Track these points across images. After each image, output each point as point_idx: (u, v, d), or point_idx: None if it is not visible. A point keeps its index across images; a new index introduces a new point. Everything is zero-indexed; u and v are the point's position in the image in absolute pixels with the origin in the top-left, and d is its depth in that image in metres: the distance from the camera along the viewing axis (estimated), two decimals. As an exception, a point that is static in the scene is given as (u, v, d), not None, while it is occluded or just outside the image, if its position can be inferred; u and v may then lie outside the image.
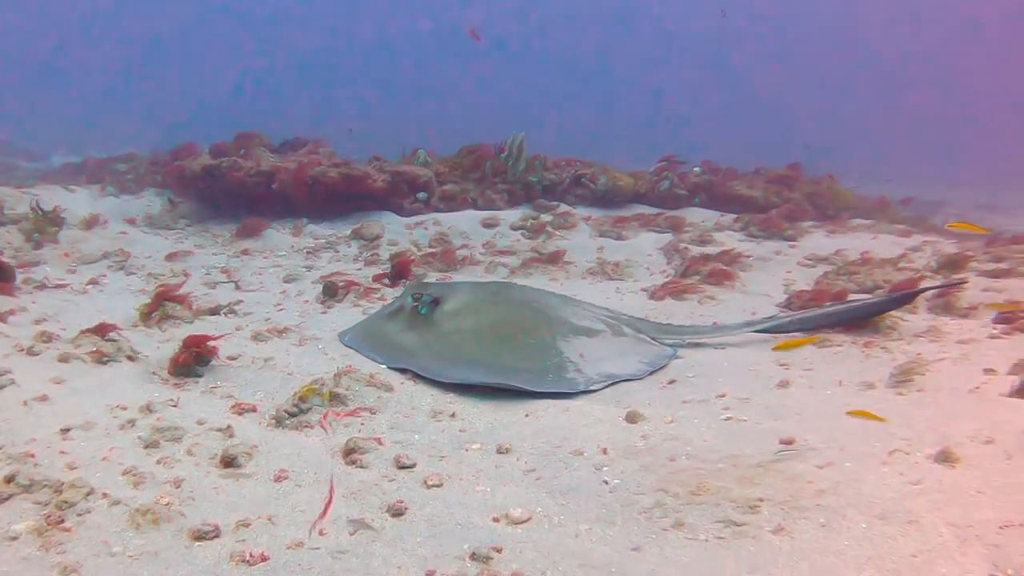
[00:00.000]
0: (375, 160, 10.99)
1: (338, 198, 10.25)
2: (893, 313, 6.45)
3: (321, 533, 3.08)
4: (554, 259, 8.76)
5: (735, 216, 11.32)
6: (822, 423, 4.18)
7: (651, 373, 5.32)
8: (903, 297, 6.15)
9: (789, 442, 3.94)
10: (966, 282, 6.94)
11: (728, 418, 4.37)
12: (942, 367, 5.09)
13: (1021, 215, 17.34)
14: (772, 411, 4.44)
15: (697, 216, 11.38)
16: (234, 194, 10.47)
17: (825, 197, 12.70)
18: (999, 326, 6.04)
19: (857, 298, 6.69)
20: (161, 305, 5.61)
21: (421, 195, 10.61)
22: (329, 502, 3.26)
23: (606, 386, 4.97)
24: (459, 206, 10.76)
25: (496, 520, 3.22)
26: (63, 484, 3.21)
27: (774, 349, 5.49)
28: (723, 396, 4.78)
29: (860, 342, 5.75)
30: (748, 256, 9.30)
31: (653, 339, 5.87)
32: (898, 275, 8.07)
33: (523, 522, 3.21)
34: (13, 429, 3.76)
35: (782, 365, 5.41)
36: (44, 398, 4.12)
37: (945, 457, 3.61)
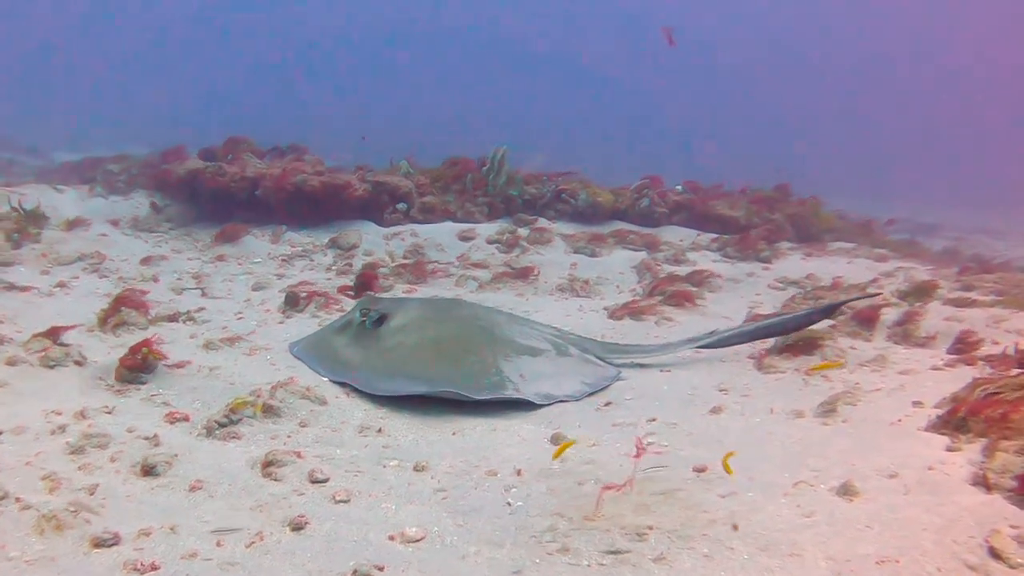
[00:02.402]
0: (359, 169, 11.13)
1: (319, 206, 10.40)
2: (841, 341, 6.58)
3: (219, 544, 3.19)
4: (524, 274, 8.88)
5: (713, 236, 11.42)
6: (741, 451, 4.27)
7: (591, 394, 5.43)
8: (828, 308, 6.47)
9: (702, 470, 4.03)
10: (879, 295, 7.31)
11: (649, 443, 4.46)
12: (874, 398, 5.18)
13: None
14: (695, 438, 4.54)
15: (674, 235, 11.48)
16: (218, 199, 10.63)
17: (807, 219, 12.77)
18: (947, 357, 6.14)
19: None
20: (118, 311, 5.75)
21: (401, 206, 10.75)
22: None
23: (544, 403, 5.08)
24: (438, 218, 10.89)
25: (391, 538, 3.32)
26: (-22, 487, 3.33)
27: (809, 371, 5.64)
28: (653, 420, 4.88)
29: (803, 369, 5.84)
30: (718, 277, 9.41)
31: (601, 359, 5.98)
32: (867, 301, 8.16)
33: (416, 541, 3.30)
34: (-58, 431, 3.89)
35: (721, 391, 5.51)
36: (-19, 401, 4.25)
37: (845, 490, 3.69)
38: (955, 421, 4.39)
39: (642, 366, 6.10)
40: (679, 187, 12.62)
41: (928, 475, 3.81)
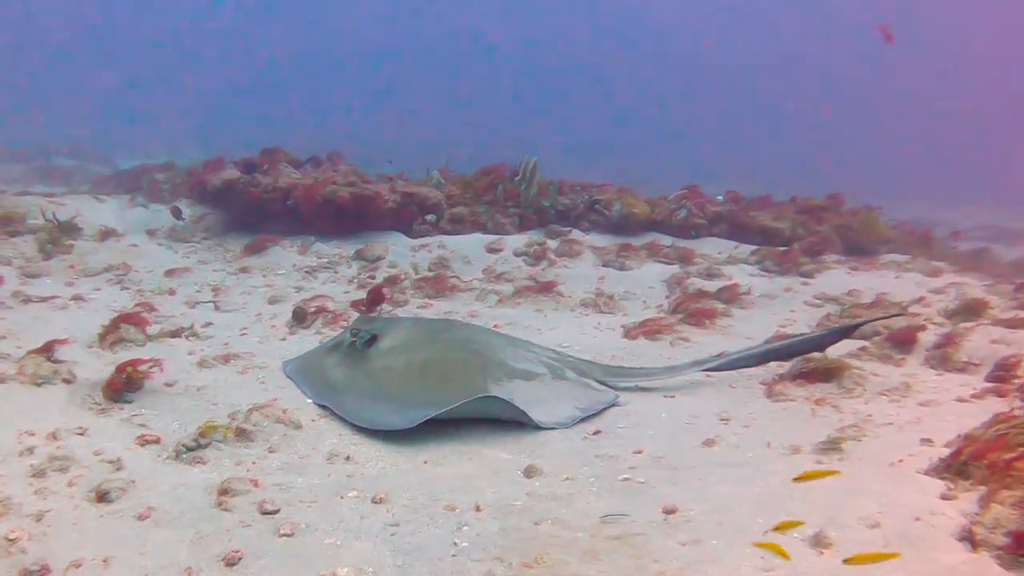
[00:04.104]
0: (389, 179, 11.14)
1: (349, 217, 10.43)
2: (867, 365, 6.23)
3: (146, 580, 3.15)
4: (546, 288, 8.70)
5: (753, 249, 11.03)
6: (718, 490, 4.05)
7: (582, 420, 5.24)
8: (844, 330, 6.09)
9: (671, 511, 3.83)
10: (902, 314, 6.78)
11: (626, 479, 4.27)
12: (883, 433, 4.87)
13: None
14: (678, 473, 4.33)
15: (712, 247, 11.13)
16: (252, 210, 10.77)
17: (857, 230, 12.22)
18: (979, 386, 5.74)
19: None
20: (117, 328, 5.82)
21: (430, 217, 10.70)
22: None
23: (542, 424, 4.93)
24: (468, 229, 10.80)
25: (322, 578, 3.23)
26: (-75, 512, 3.37)
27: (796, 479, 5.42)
28: (639, 453, 4.68)
29: (813, 398, 5.53)
30: (751, 293, 9.06)
31: (601, 382, 5.79)
32: (902, 321, 7.72)
33: (347, 582, 3.20)
34: (-86, 451, 3.96)
35: (723, 419, 5.26)
36: (-40, 420, 4.33)
37: (818, 541, 3.44)
38: (957, 465, 4.06)
39: (645, 390, 5.87)
40: (720, 197, 12.25)
41: (913, 527, 3.51)
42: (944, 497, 3.77)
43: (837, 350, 6.59)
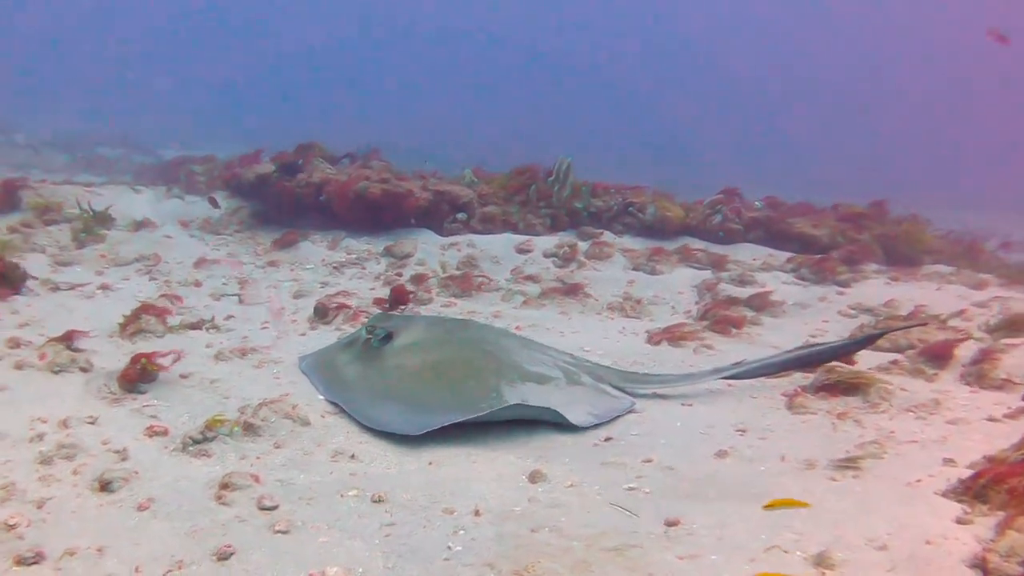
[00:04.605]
0: (421, 177, 11.15)
1: (380, 214, 10.46)
2: (896, 379, 6.05)
3: (137, 570, 3.16)
4: (573, 291, 8.62)
5: (789, 256, 10.81)
6: (723, 504, 3.94)
7: (596, 426, 5.16)
8: (866, 339, 5.95)
9: (673, 524, 3.73)
10: (924, 324, 6.68)
11: (631, 488, 4.18)
12: (904, 451, 4.70)
13: None
14: (685, 485, 4.23)
15: (747, 254, 10.93)
16: (285, 204, 10.87)
17: (899, 239, 11.90)
18: (1015, 405, 5.51)
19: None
20: (137, 318, 5.90)
21: (460, 215, 10.69)
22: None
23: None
24: (499, 228, 10.76)
25: (311, 576, 3.21)
26: (-71, 495, 3.43)
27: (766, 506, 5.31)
28: (649, 462, 4.58)
29: (835, 412, 5.37)
30: (783, 302, 8.88)
31: (618, 388, 5.70)
32: (940, 334, 7.48)
33: (334, 582, 3.17)
34: (-71, 434, 4.05)
35: (739, 431, 5.13)
36: (-24, 405, 4.41)
37: (820, 561, 3.32)
38: (976, 488, 3.89)
39: (663, 397, 5.77)
40: (758, 203, 12.02)
41: (922, 550, 3.38)
42: (959, 521, 3.62)
43: (867, 363, 6.43)
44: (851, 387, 5.65)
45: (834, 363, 5.97)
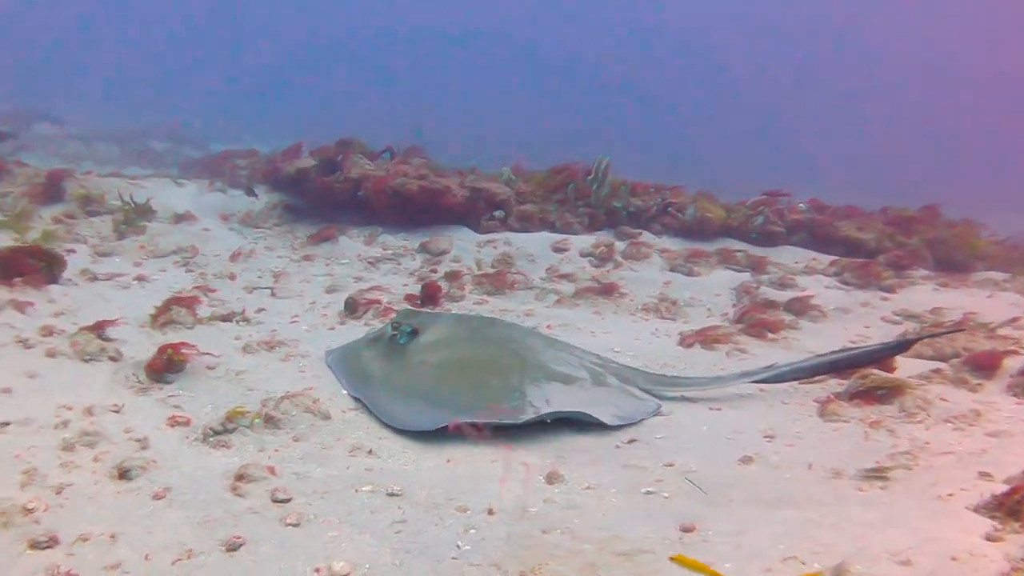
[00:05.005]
0: (460, 174, 11.14)
1: (417, 210, 10.48)
2: (935, 388, 5.84)
3: (147, 558, 3.18)
4: (607, 291, 8.53)
5: (832, 259, 10.55)
6: (744, 511, 3.84)
7: (620, 427, 5.08)
8: (900, 345, 5.80)
9: (689, 530, 3.65)
10: (962, 330, 6.57)
11: (649, 492, 4.10)
12: (938, 463, 4.52)
13: None
14: (706, 490, 4.13)
15: (789, 256, 10.69)
16: (324, 199, 10.96)
17: (951, 244, 11.53)
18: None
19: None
20: (168, 309, 5.99)
21: (498, 213, 10.65)
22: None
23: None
24: (536, 227, 10.70)
25: (317, 571, 3.19)
26: (-48, 477, 3.50)
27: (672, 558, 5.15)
28: (671, 466, 4.49)
29: (868, 420, 5.21)
30: (824, 306, 8.66)
31: (645, 390, 5.61)
32: (988, 343, 7.22)
33: (339, 577, 3.16)
34: (-41, 418, 4.15)
35: (767, 437, 5.01)
36: (7, 390, 4.51)
37: (838, 573, 3.20)
38: (1010, 504, 3.72)
39: (691, 401, 5.66)
40: (802, 205, 11.76)
41: (947, 567, 3.24)
42: (989, 538, 3.46)
43: (908, 370, 6.23)
44: (887, 395, 5.48)
45: (870, 369, 5.81)
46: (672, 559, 3.39)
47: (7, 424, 4.17)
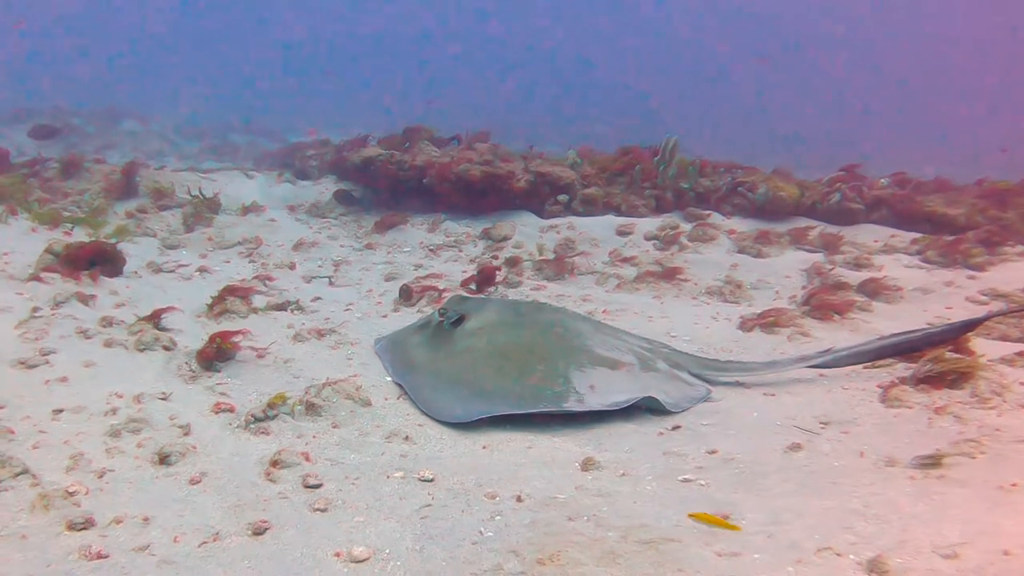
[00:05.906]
0: (524, 159, 11.07)
1: (481, 196, 10.47)
2: (1012, 373, 5.46)
3: (175, 540, 3.27)
4: (669, 275, 8.33)
5: (915, 237, 10.01)
6: (783, 501, 3.68)
7: (668, 414, 4.96)
8: (964, 326, 5.43)
9: (724, 518, 3.51)
10: None
11: (686, 479, 3.98)
12: (1008, 451, 4.22)
13: None
14: (746, 479, 3.98)
15: (868, 235, 10.20)
16: (390, 187, 11.07)
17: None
18: None
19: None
20: (223, 299, 6.15)
21: (562, 197, 10.53)
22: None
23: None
24: (600, 210, 10.53)
25: (337, 555, 3.21)
26: (3, 461, 3.68)
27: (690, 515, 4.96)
28: (713, 453, 4.35)
29: (934, 406, 4.91)
30: (901, 287, 8.22)
31: (696, 375, 5.46)
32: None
33: (358, 562, 3.17)
34: (19, 405, 4.35)
35: (821, 423, 4.79)
36: (64, 379, 4.72)
37: (873, 567, 3.03)
38: (1077, 495, 3.44)
39: (744, 386, 5.46)
40: (884, 180, 11.19)
41: (997, 561, 3.02)
42: (1051, 532, 3.20)
43: (989, 353, 5.85)
44: (958, 379, 5.15)
45: (943, 351, 5.47)
46: (690, 516, 3.40)
47: (60, 411, 4.35)
